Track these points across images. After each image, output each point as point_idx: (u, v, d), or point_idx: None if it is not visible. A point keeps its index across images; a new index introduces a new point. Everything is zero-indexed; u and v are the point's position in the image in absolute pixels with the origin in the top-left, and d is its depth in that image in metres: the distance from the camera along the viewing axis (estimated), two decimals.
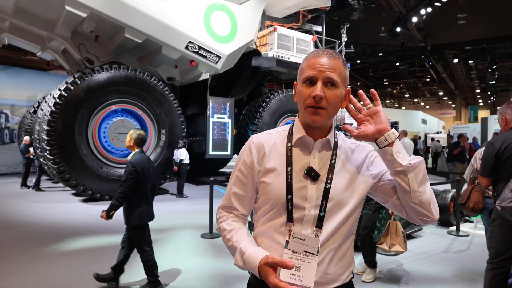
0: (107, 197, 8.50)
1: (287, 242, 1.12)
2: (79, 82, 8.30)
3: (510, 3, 17.99)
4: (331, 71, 1.11)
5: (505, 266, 2.77)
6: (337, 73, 1.12)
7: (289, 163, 1.16)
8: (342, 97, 1.16)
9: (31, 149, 10.15)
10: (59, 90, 8.17)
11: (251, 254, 1.10)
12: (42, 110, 8.62)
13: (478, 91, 35.54)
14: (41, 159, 9.04)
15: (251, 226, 3.99)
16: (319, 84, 1.11)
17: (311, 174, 1.14)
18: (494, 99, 32.69)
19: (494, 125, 13.16)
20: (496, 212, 2.77)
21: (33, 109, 12.37)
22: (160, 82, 9.71)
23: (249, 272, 1.24)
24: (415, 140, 14.10)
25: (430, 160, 18.36)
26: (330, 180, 1.14)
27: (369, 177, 1.20)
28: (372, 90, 1.28)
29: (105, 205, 8.14)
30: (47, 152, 7.94)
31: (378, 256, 4.47)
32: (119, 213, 3.55)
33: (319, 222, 1.12)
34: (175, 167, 9.28)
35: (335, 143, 1.21)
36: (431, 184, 6.07)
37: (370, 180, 1.20)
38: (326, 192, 1.13)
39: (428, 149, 18.31)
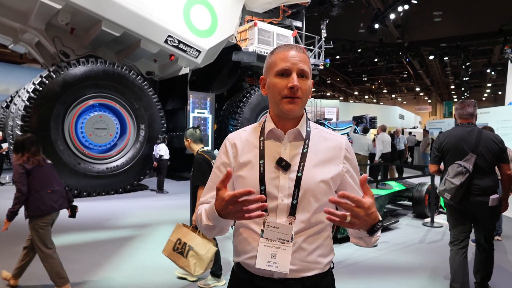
0: (85, 193, 8.34)
1: (262, 231, 1.15)
2: (54, 76, 8.07)
3: (482, 2, 18.57)
4: (302, 63, 1.17)
5: (464, 245, 3.15)
6: (307, 65, 1.19)
7: (261, 155, 1.21)
8: (311, 87, 1.22)
9: (5, 145, 9.82)
10: (33, 84, 7.94)
11: (210, 205, 1.14)
12: (15, 104, 8.36)
13: (452, 87, 36.63)
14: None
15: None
16: (295, 75, 1.16)
17: (282, 164, 1.17)
18: (468, 95, 33.74)
19: None
20: None
21: (5, 104, 11.95)
22: (139, 76, 9.55)
23: (232, 261, 1.27)
24: (392, 135, 14.38)
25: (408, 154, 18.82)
26: (302, 168, 1.17)
27: (341, 169, 1.23)
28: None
29: (82, 202, 8.03)
30: None
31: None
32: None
33: (292, 210, 1.16)
34: (155, 163, 9.19)
35: (307, 132, 1.24)
36: (407, 177, 6.23)
37: (342, 172, 1.23)
38: (298, 180, 1.16)
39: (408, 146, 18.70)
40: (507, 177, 3.08)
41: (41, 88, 7.88)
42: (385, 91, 41.30)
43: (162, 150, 9.12)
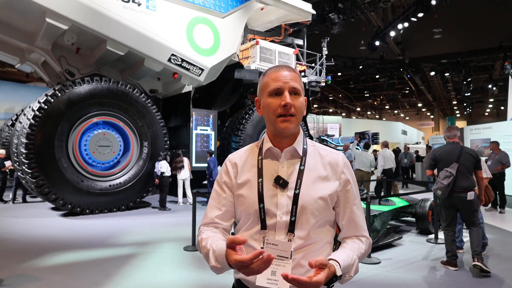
0: (87, 211, 8.34)
1: (262, 248, 1.16)
2: (59, 94, 8.19)
3: (481, 19, 18.84)
4: (293, 81, 1.21)
5: (453, 228, 4.48)
6: (298, 83, 1.22)
7: (260, 174, 1.24)
8: (305, 104, 1.25)
9: (8, 163, 9.91)
10: (39, 102, 8.05)
11: (219, 246, 1.11)
12: (20, 122, 8.45)
13: (454, 102, 36.74)
14: (19, 173, 8.83)
15: None
16: (287, 93, 1.19)
17: (280, 182, 1.20)
18: (470, 110, 33.80)
19: (470, 135, 13.59)
20: None
21: (11, 122, 12.10)
22: (143, 94, 9.67)
23: (234, 278, 1.27)
24: (396, 151, 14.36)
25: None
26: (299, 186, 1.20)
27: (338, 185, 1.25)
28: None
29: (86, 220, 8.01)
30: (26, 165, 7.77)
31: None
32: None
33: (291, 227, 1.17)
34: (157, 180, 9.21)
35: (304, 149, 1.26)
36: (409, 194, 6.19)
37: (338, 188, 1.25)
38: (296, 197, 1.18)
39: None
40: (481, 179, 4.44)
41: (46, 107, 7.98)
42: (387, 107, 41.45)
43: (163, 167, 9.15)
